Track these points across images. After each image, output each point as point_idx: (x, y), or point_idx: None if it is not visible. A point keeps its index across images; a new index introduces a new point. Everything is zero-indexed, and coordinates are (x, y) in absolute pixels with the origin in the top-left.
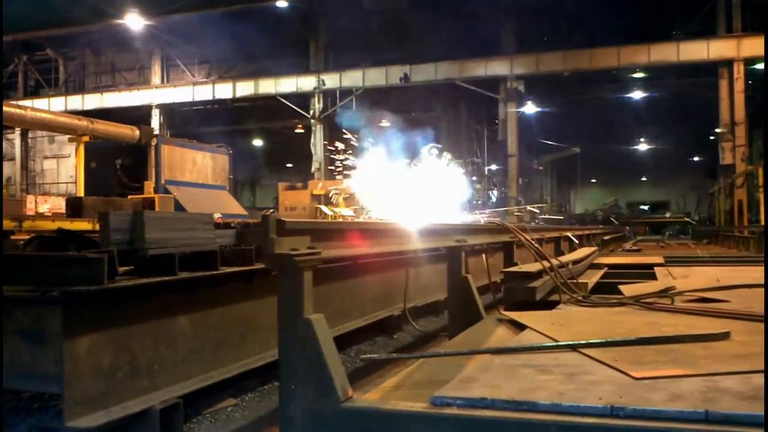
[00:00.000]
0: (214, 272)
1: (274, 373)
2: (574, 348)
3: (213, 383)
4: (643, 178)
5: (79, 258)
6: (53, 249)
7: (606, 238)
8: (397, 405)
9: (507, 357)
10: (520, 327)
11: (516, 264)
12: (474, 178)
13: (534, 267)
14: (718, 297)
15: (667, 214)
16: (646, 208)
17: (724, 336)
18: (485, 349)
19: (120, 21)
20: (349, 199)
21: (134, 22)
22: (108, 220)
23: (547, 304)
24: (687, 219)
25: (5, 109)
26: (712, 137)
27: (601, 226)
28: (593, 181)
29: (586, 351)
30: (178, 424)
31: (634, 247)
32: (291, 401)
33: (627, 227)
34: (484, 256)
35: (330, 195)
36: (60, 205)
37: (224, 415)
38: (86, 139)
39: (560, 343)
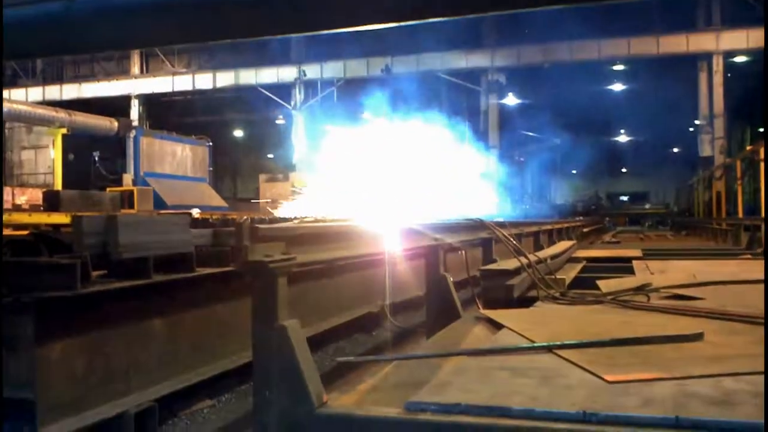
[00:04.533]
0: (190, 274)
1: (251, 373)
2: (549, 349)
3: (189, 386)
4: (624, 170)
5: (51, 264)
6: (26, 252)
7: (585, 230)
8: (371, 411)
9: (483, 359)
10: (498, 326)
11: (495, 260)
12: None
13: (512, 264)
14: (693, 294)
15: (647, 206)
16: (625, 199)
17: (697, 337)
18: (461, 350)
19: None
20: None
21: None
22: (81, 224)
23: (526, 301)
24: (666, 210)
25: None
26: (691, 129)
27: (580, 218)
28: (573, 172)
29: (561, 352)
30: (152, 428)
31: (614, 239)
32: (265, 408)
33: (606, 218)
34: (463, 252)
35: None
36: (38, 197)
37: (200, 416)
38: (64, 130)
39: (535, 345)
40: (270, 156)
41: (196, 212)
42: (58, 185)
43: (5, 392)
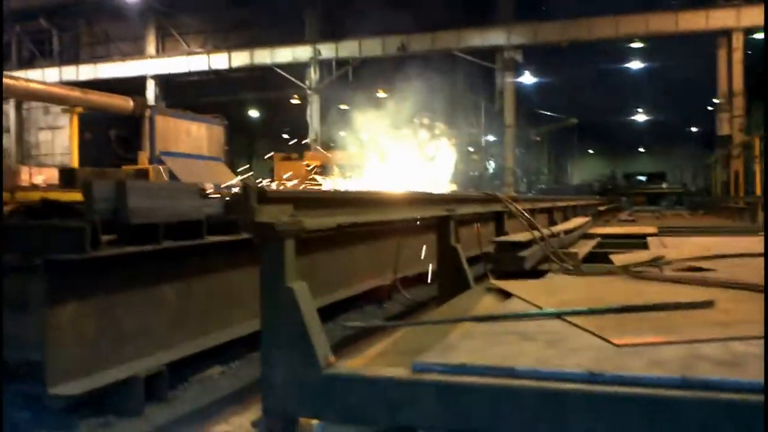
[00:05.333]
0: (200, 241)
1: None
2: (558, 316)
3: (199, 351)
4: (641, 149)
5: (61, 226)
6: (38, 219)
7: (601, 208)
8: (377, 371)
9: (491, 324)
10: (507, 296)
11: (507, 234)
12: (470, 149)
13: (524, 237)
14: (706, 266)
15: (664, 185)
16: (643, 179)
17: (708, 304)
18: (469, 317)
19: None
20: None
21: None
22: (91, 189)
23: (537, 274)
24: (683, 190)
25: None
26: (710, 108)
27: (597, 197)
28: (590, 152)
29: (570, 319)
30: (162, 391)
31: (630, 218)
32: (272, 369)
33: (623, 198)
34: (476, 226)
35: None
36: (54, 176)
37: (210, 382)
38: (80, 110)
39: (544, 311)
40: (285, 136)
41: (209, 185)
42: (75, 164)
43: (16, 354)
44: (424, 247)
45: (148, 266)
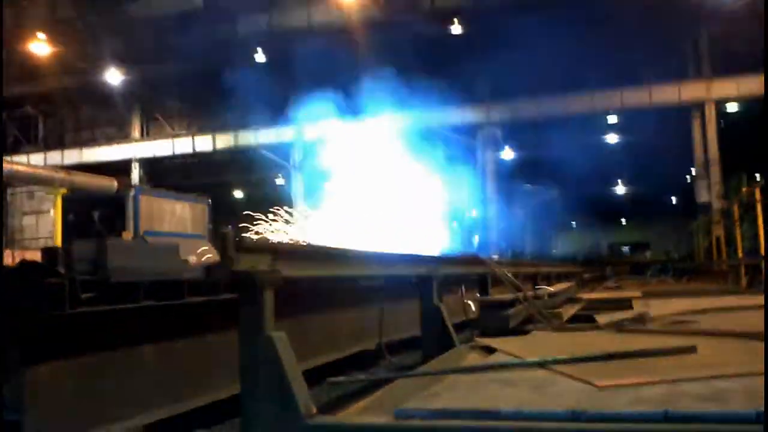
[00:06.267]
0: (180, 301)
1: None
2: (541, 365)
3: (179, 413)
4: (623, 221)
5: (39, 284)
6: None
7: (586, 276)
8: (359, 419)
9: (474, 375)
10: (492, 352)
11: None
12: (454, 224)
13: (508, 296)
14: (690, 320)
15: (648, 254)
16: (626, 249)
17: (690, 350)
18: (453, 368)
19: (98, 77)
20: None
21: (113, 77)
22: (72, 248)
23: (522, 333)
24: (667, 258)
25: None
26: (687, 177)
27: (581, 267)
28: (573, 224)
29: (554, 367)
30: None
31: (614, 285)
32: (253, 419)
33: (608, 267)
34: (462, 288)
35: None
36: (37, 257)
37: None
38: (64, 191)
39: (528, 360)
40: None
41: (192, 260)
42: (58, 243)
43: None
44: (409, 312)
45: (128, 325)
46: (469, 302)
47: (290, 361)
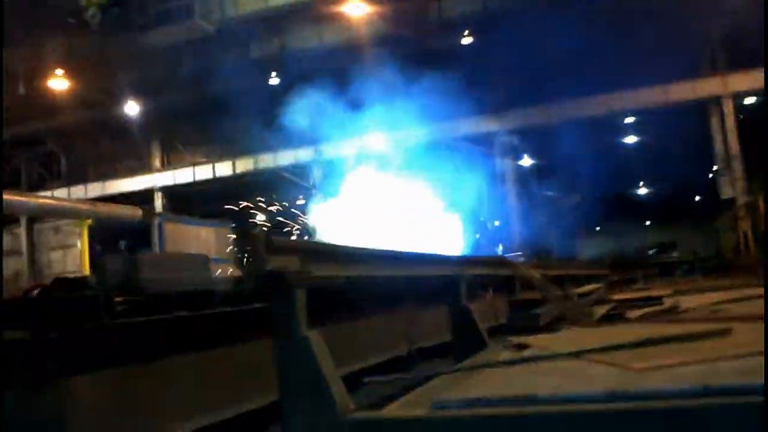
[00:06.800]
0: (212, 311)
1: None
2: (577, 355)
3: (214, 422)
4: (647, 222)
5: (74, 298)
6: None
7: (614, 278)
8: (396, 413)
9: (510, 368)
10: (525, 348)
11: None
12: (477, 235)
13: (538, 295)
14: (722, 309)
15: (675, 254)
16: (653, 251)
17: (725, 332)
18: (487, 362)
19: (117, 110)
20: None
21: (131, 109)
22: (105, 264)
23: (552, 332)
24: (694, 257)
25: (7, 198)
26: (710, 174)
27: (609, 270)
28: (597, 229)
29: (589, 357)
30: None
31: (644, 285)
32: (291, 417)
33: (638, 270)
34: (489, 291)
35: None
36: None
37: None
38: (89, 222)
39: (563, 351)
40: (292, 237)
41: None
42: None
43: (32, 427)
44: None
45: (161, 336)
46: (498, 304)
47: (326, 359)
